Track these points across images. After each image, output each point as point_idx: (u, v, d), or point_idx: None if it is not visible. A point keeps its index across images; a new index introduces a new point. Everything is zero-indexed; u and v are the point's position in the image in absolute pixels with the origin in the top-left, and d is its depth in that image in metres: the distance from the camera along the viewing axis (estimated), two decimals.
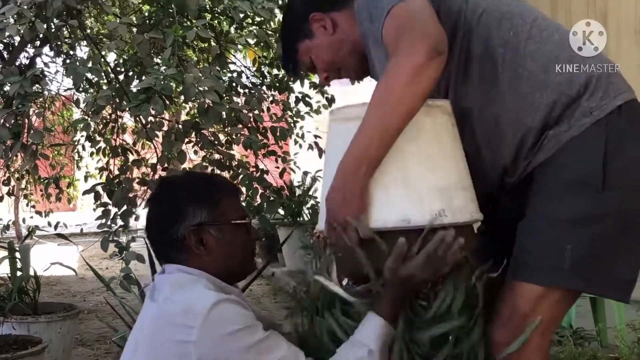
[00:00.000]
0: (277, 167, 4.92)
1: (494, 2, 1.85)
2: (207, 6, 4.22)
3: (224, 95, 3.82)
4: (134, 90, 3.45)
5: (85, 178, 6.60)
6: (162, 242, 1.88)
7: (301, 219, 7.43)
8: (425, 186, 1.69)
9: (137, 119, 4.04)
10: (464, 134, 1.83)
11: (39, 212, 6.99)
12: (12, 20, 3.26)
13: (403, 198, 1.68)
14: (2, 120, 3.22)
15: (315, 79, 4.68)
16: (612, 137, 1.73)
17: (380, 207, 1.68)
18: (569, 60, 1.79)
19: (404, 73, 1.60)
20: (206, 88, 3.12)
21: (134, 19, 4.56)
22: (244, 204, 3.68)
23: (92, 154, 7.13)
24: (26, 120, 3.69)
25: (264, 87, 5.03)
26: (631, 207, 1.76)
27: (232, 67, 5.10)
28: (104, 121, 5.02)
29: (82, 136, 6.40)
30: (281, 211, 7.16)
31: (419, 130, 1.68)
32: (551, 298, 1.75)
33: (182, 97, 3.79)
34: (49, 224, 5.90)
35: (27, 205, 7.48)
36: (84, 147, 6.75)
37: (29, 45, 4.10)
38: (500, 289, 1.81)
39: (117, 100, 3.64)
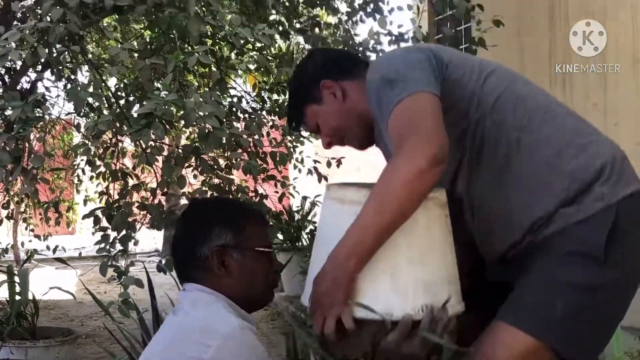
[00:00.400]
0: (277, 192, 4.93)
1: (510, 87, 1.88)
2: (208, 32, 4.25)
3: (224, 120, 3.84)
4: (135, 115, 3.47)
5: (85, 202, 6.62)
6: (185, 260, 1.89)
7: (300, 243, 7.43)
8: (412, 281, 1.70)
9: (137, 143, 4.06)
10: (475, 217, 1.88)
11: (37, 236, 6.99)
12: (14, 45, 3.28)
13: (389, 291, 1.69)
14: (2, 145, 3.23)
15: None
16: (620, 222, 1.76)
17: (365, 297, 1.69)
18: (583, 147, 1.82)
19: (403, 177, 1.62)
20: (207, 113, 3.14)
21: (136, 44, 4.60)
22: None
23: (91, 177, 7.15)
24: (27, 145, 3.71)
25: (264, 112, 5.07)
26: (621, 292, 1.83)
27: (232, 92, 5.14)
28: (104, 145, 5.04)
29: (82, 160, 6.43)
30: (280, 236, 7.16)
31: (412, 223, 1.69)
32: (530, 352, 1.75)
33: (183, 122, 3.80)
34: (48, 248, 5.89)
35: (26, 228, 7.49)
36: (83, 171, 6.78)
37: (30, 70, 4.13)
38: None
39: (118, 125, 3.65)
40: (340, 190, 1.80)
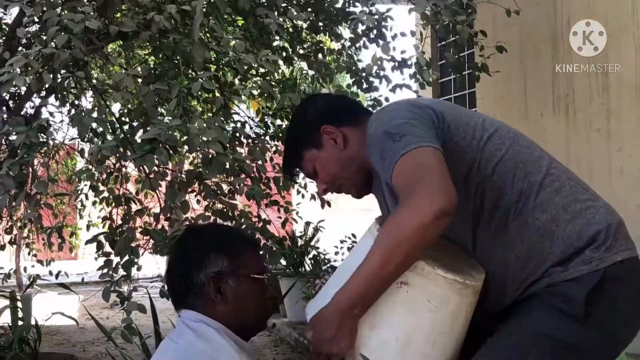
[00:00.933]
0: (280, 217, 4.92)
1: (510, 151, 1.87)
2: (212, 58, 4.27)
3: (228, 145, 3.85)
4: (139, 140, 3.48)
5: (88, 227, 6.61)
6: (181, 286, 1.89)
7: (303, 269, 7.40)
8: (419, 355, 1.74)
9: (141, 168, 4.07)
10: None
11: (40, 261, 6.97)
12: (19, 71, 3.30)
13: (395, 356, 1.73)
14: (6, 170, 3.24)
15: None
16: (605, 285, 1.76)
17: (372, 354, 1.72)
18: (579, 212, 1.83)
19: (409, 229, 1.62)
20: (210, 139, 3.15)
21: (140, 69, 4.62)
22: None
23: (94, 203, 7.16)
24: (30, 170, 3.71)
25: (267, 137, 5.07)
26: (600, 355, 1.81)
27: (235, 117, 5.15)
28: (108, 170, 5.04)
29: (85, 185, 6.44)
30: (283, 262, 7.14)
31: (442, 304, 1.72)
32: None
33: (186, 147, 3.81)
34: (50, 273, 5.88)
35: (29, 254, 7.47)
36: (87, 197, 6.78)
37: (35, 95, 4.15)
38: None
39: (122, 150, 3.66)
40: (377, 226, 1.80)
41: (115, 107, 5.29)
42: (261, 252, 2.05)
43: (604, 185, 4.43)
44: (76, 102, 4.54)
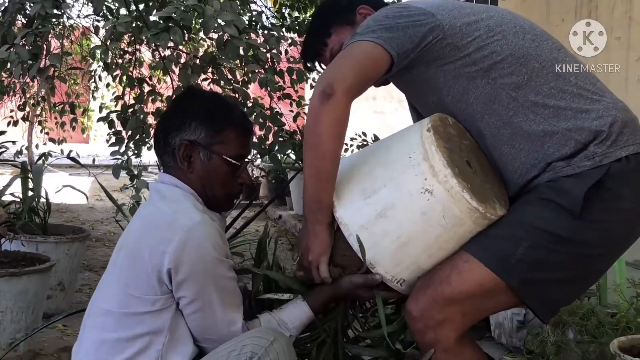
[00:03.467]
0: (291, 111, 4.93)
1: (516, 45, 1.84)
2: None
3: (243, 31, 3.81)
4: (154, 20, 3.44)
5: (100, 109, 6.63)
6: (159, 142, 1.93)
7: None
8: (413, 261, 1.79)
9: (155, 52, 4.04)
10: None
11: (52, 140, 7.02)
12: None
13: (390, 250, 1.78)
14: (22, 41, 3.23)
15: None
16: (607, 181, 1.74)
17: (371, 236, 1.78)
18: (583, 108, 1.80)
19: (309, 119, 1.78)
20: (226, 21, 3.12)
21: None
22: (256, 141, 3.71)
23: (108, 85, 7.17)
24: (45, 45, 3.70)
25: (284, 29, 5.01)
26: (594, 252, 1.80)
27: (253, 6, 5.08)
28: (122, 52, 5.02)
29: (99, 67, 6.43)
30: (292, 155, 7.18)
31: (455, 224, 1.75)
32: (485, 285, 1.75)
33: (201, 32, 3.78)
34: (62, 152, 5.95)
35: (41, 131, 7.53)
36: (100, 78, 6.77)
37: None
38: None
39: (137, 27, 3.62)
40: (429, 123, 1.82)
41: None
42: (252, 142, 2.05)
43: None
44: None
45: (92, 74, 6.72)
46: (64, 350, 3.33)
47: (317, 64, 2.19)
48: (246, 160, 1.95)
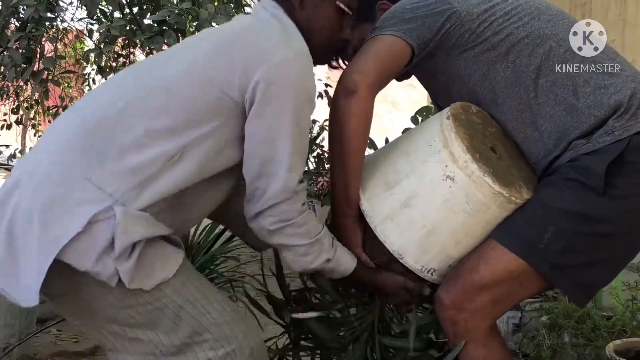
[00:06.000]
0: None
1: (532, 27, 1.84)
2: None
3: None
4: (148, 23, 3.44)
5: None
6: None
7: (307, 167, 7.44)
8: (440, 249, 1.79)
9: (149, 55, 4.01)
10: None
11: None
12: None
13: (416, 240, 1.78)
14: (15, 44, 3.23)
15: None
16: (628, 155, 1.72)
17: (397, 226, 1.79)
18: (601, 84, 1.79)
19: (332, 114, 1.79)
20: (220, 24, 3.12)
21: None
22: None
23: None
24: (38, 49, 3.69)
25: None
26: (621, 230, 1.77)
27: (247, 10, 5.07)
28: (115, 55, 5.01)
29: (92, 70, 6.40)
30: None
31: (479, 210, 1.74)
32: (513, 271, 1.75)
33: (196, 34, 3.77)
34: None
35: (35, 135, 7.51)
36: (94, 81, 6.75)
37: None
38: None
39: (131, 30, 3.62)
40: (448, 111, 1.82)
41: None
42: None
43: None
44: None
45: (86, 77, 6.69)
46: (58, 355, 3.31)
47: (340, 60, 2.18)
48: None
